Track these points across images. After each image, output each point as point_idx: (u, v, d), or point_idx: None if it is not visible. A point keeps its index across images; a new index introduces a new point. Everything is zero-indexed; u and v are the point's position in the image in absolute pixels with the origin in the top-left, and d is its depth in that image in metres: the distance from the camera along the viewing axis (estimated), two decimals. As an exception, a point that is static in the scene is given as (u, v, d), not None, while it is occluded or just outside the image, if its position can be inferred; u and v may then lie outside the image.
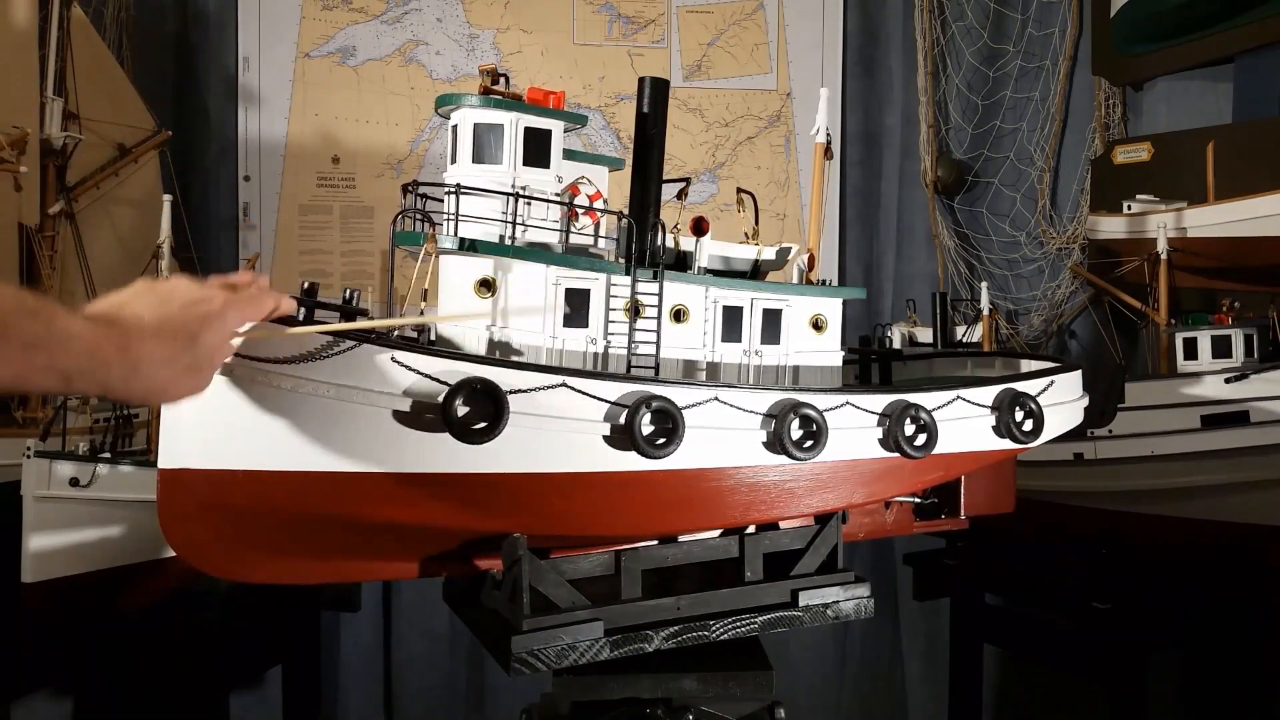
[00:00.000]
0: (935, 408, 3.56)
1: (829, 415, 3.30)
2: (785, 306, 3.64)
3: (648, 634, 3.14)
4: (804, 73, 6.99)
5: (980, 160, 7.03)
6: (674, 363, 3.48)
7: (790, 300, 3.64)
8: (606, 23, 6.95)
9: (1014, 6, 6.95)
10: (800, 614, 3.37)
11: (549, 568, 3.03)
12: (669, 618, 3.20)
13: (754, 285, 3.62)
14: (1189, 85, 6.38)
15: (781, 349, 3.63)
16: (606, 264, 3.35)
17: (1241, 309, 5.30)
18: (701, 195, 6.94)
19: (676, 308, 3.48)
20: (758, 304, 3.59)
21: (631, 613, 3.14)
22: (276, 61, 6.74)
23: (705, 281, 3.54)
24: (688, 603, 3.24)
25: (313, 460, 2.67)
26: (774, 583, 3.37)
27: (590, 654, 3.02)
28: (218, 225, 6.76)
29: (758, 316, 3.59)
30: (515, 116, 3.43)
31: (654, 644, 3.14)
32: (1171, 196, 5.85)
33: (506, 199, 3.30)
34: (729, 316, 3.55)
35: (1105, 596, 5.16)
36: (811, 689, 6.97)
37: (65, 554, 4.50)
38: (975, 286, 6.55)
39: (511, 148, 3.39)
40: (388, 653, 6.82)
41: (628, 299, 3.32)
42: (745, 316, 3.57)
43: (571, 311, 3.28)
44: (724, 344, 3.55)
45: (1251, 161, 5.47)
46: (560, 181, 3.42)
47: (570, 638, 3.00)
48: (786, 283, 3.71)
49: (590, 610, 3.04)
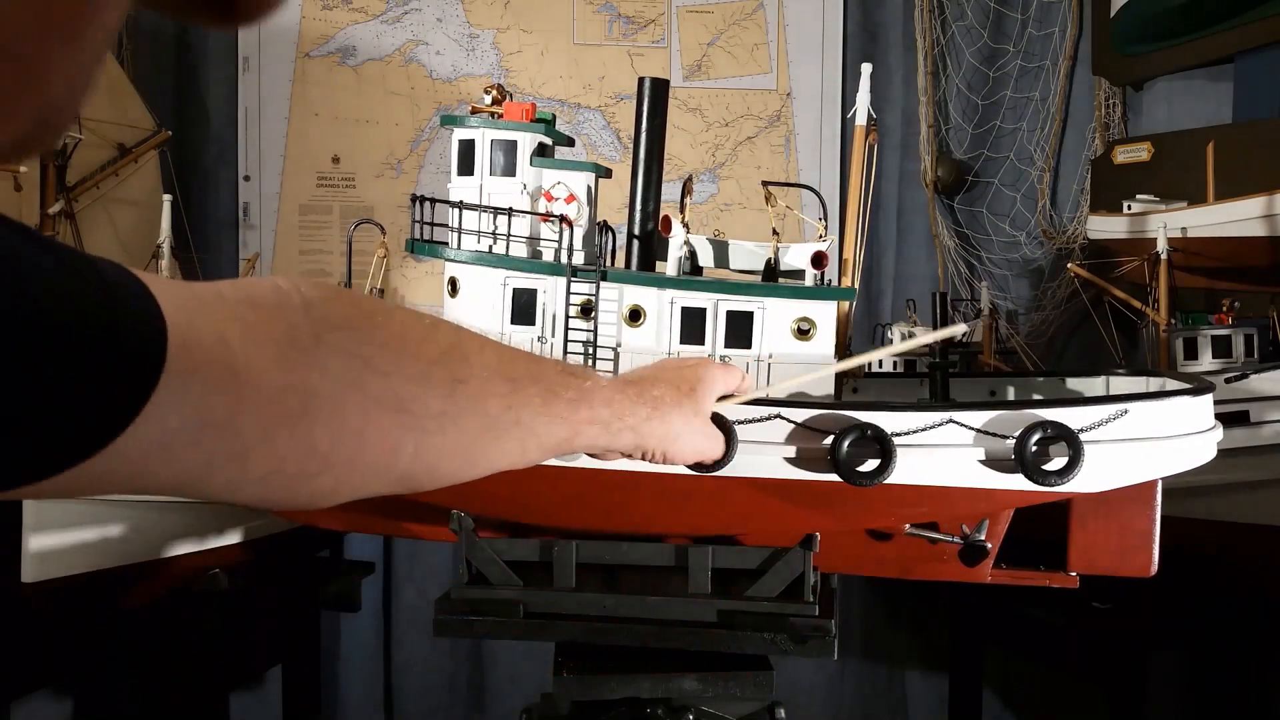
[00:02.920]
0: (906, 430, 3.21)
1: (739, 427, 3.20)
2: (759, 309, 3.54)
3: (562, 625, 3.28)
4: (804, 73, 6.98)
5: (980, 160, 7.03)
6: (633, 365, 3.59)
7: (765, 303, 3.54)
8: (606, 23, 6.95)
9: (1014, 6, 6.95)
10: (727, 636, 3.28)
11: (485, 545, 3.31)
12: (591, 613, 3.28)
13: (717, 286, 3.57)
14: (1189, 85, 6.38)
15: (753, 353, 3.54)
16: (548, 265, 3.62)
17: (1241, 309, 5.30)
18: (702, 195, 6.94)
19: (633, 308, 3.56)
20: (722, 306, 3.53)
21: (552, 600, 3.26)
22: (276, 61, 6.74)
23: (657, 282, 3.57)
24: (613, 602, 3.30)
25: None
26: (713, 599, 3.31)
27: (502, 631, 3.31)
28: (218, 225, 6.76)
29: (722, 319, 3.53)
30: (483, 131, 3.77)
31: (565, 636, 3.32)
32: (1171, 196, 5.85)
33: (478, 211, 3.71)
34: (689, 318, 3.52)
35: (1105, 596, 5.17)
36: (811, 689, 6.97)
37: (65, 554, 4.50)
38: (975, 286, 6.55)
39: (484, 160, 3.77)
40: (388, 653, 6.82)
41: (578, 300, 3.54)
42: (708, 319, 3.52)
43: (515, 309, 3.66)
44: (684, 345, 3.53)
45: (1251, 161, 5.47)
46: (525, 189, 3.70)
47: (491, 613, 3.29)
48: (760, 283, 3.63)
49: (517, 590, 3.29)
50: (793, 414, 3.21)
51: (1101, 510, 3.33)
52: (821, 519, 3.31)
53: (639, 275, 3.62)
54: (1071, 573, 3.43)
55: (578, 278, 3.55)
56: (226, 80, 6.74)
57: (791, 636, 3.23)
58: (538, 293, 3.65)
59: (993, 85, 7.05)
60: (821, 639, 3.23)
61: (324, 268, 6.83)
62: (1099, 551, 3.41)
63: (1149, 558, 3.39)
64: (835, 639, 3.25)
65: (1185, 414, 3.34)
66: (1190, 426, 3.36)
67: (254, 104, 6.74)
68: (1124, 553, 3.42)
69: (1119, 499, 3.30)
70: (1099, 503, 3.31)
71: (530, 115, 3.78)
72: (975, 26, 7.01)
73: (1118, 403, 3.25)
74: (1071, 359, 6.73)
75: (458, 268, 3.73)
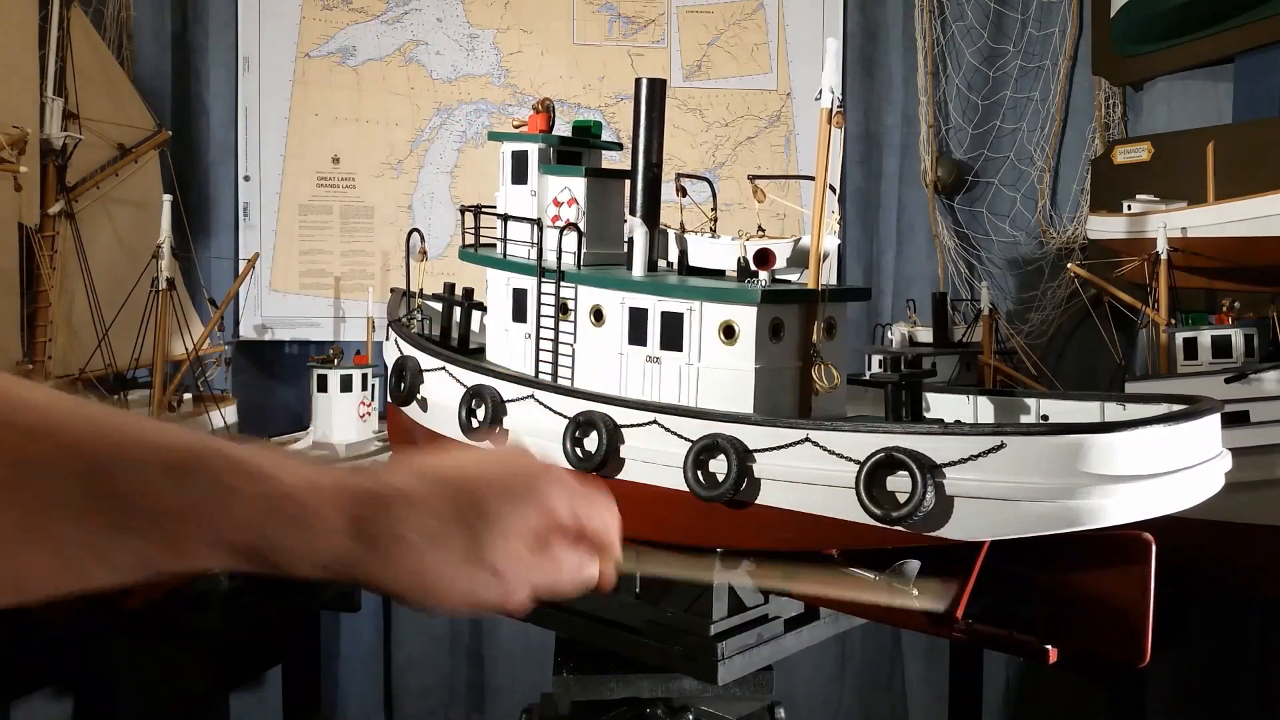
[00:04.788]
0: (763, 447, 2.93)
1: (628, 431, 3.16)
2: (687, 311, 3.34)
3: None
4: (804, 73, 6.98)
5: (980, 160, 7.03)
6: (592, 364, 3.59)
7: (693, 305, 3.34)
8: (606, 23, 6.94)
9: (1014, 6, 6.95)
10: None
11: None
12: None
13: (654, 287, 3.46)
14: (1189, 85, 6.37)
15: (684, 356, 3.35)
16: (523, 265, 3.81)
17: (1241, 309, 5.29)
18: (702, 195, 6.92)
19: (594, 308, 3.57)
20: (659, 307, 3.42)
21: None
22: (276, 61, 6.73)
23: (607, 283, 3.58)
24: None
25: None
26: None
27: None
28: (218, 225, 6.76)
29: (656, 320, 3.42)
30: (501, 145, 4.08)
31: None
32: (1171, 196, 5.84)
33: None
34: (635, 320, 3.48)
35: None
36: (811, 688, 6.97)
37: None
38: (975, 286, 6.54)
39: (505, 170, 4.03)
40: (388, 653, 6.82)
41: (551, 300, 3.65)
42: (649, 320, 3.44)
43: (514, 308, 3.88)
44: (631, 346, 3.50)
45: (1251, 161, 5.46)
46: (534, 196, 3.87)
47: None
48: (690, 284, 3.49)
49: None
50: (667, 421, 3.10)
51: (1095, 591, 2.79)
52: (688, 533, 3.09)
53: (591, 276, 3.63)
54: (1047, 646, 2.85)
55: (546, 278, 3.70)
56: (226, 80, 6.74)
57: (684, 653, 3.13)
58: (527, 293, 3.82)
59: (993, 85, 7.04)
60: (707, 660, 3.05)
61: (324, 267, 6.83)
62: (1085, 628, 2.87)
63: (1142, 647, 2.74)
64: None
65: (1111, 450, 2.59)
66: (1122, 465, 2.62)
67: (254, 104, 6.73)
68: (1114, 634, 2.84)
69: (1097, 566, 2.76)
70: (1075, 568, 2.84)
71: (545, 126, 3.99)
72: (975, 26, 7.01)
73: (995, 434, 2.68)
74: (1071, 359, 6.73)
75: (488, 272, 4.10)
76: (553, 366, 3.64)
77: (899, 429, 2.82)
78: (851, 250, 7.16)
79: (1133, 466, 2.63)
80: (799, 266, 3.51)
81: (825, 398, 3.32)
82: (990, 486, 2.65)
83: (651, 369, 3.40)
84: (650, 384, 3.40)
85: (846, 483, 2.79)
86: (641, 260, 3.55)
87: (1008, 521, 2.68)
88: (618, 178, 3.98)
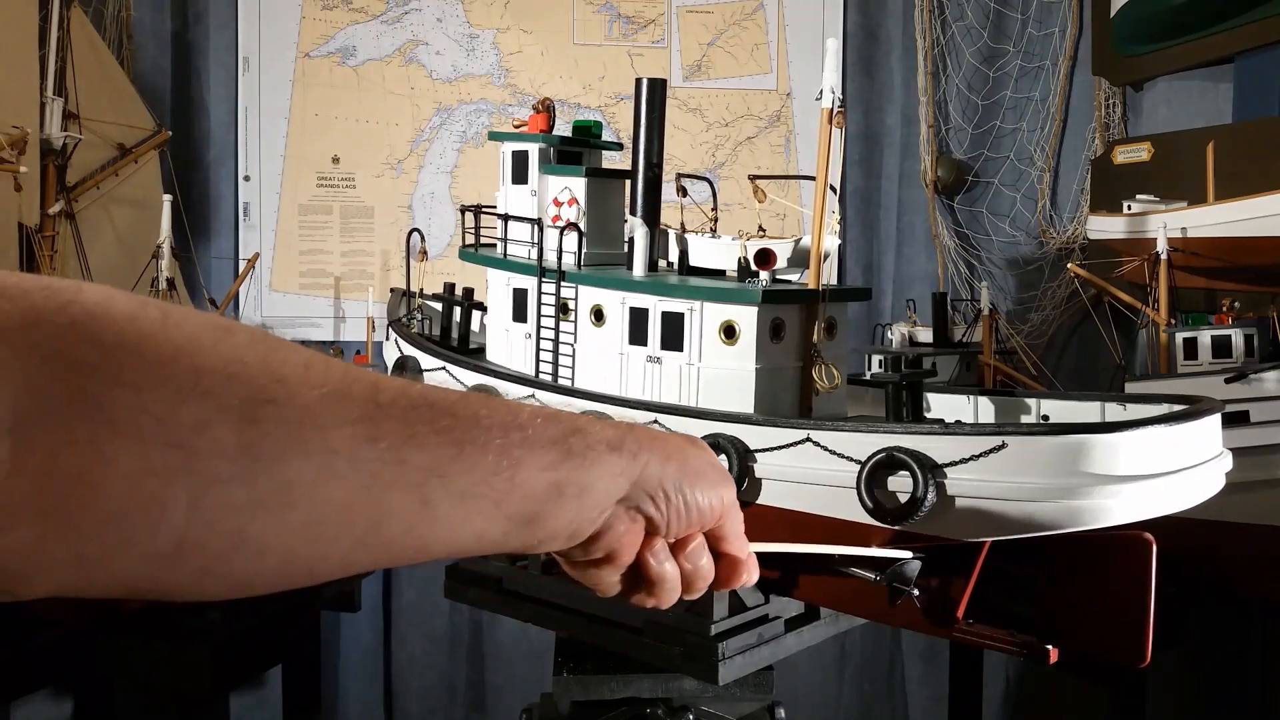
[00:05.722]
0: (764, 447, 2.94)
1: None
2: (688, 311, 3.35)
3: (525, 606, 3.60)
4: (804, 73, 6.98)
5: (980, 160, 7.03)
6: (593, 364, 3.60)
7: (694, 305, 3.34)
8: (606, 23, 6.95)
9: (1014, 6, 6.95)
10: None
11: None
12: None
13: (653, 286, 3.46)
14: (1189, 85, 6.37)
15: (684, 356, 3.35)
16: (524, 265, 3.83)
17: (1241, 309, 5.29)
18: (702, 195, 6.92)
19: (595, 308, 3.56)
20: (659, 307, 3.43)
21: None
22: (276, 61, 6.73)
23: (608, 283, 3.58)
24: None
25: None
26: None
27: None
28: (218, 225, 6.76)
29: (657, 320, 3.42)
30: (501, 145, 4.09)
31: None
32: (1171, 196, 5.84)
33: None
34: (635, 319, 3.49)
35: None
36: (811, 688, 6.97)
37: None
38: (975, 286, 6.55)
39: (505, 170, 4.05)
40: (388, 653, 6.82)
41: (552, 299, 3.67)
42: (649, 320, 3.44)
43: (515, 308, 3.91)
44: (631, 346, 3.50)
45: (1251, 161, 5.46)
46: (534, 196, 3.90)
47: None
48: (691, 284, 3.46)
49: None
50: (668, 421, 3.10)
51: (1097, 590, 2.78)
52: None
53: (591, 276, 3.63)
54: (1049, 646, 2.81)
55: (546, 278, 3.70)
56: (226, 80, 6.74)
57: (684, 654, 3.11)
58: (528, 292, 3.84)
59: (993, 85, 7.04)
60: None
61: (324, 267, 6.83)
62: (1085, 628, 2.86)
63: (1143, 646, 2.72)
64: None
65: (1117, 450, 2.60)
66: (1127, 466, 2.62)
67: (254, 104, 6.73)
68: (1115, 634, 2.82)
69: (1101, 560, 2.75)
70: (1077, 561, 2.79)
71: (537, 126, 4.00)
72: (975, 26, 7.01)
73: (996, 434, 2.67)
74: (1071, 359, 6.73)
75: (489, 272, 4.12)
76: (553, 366, 3.65)
77: (900, 429, 2.82)
78: (851, 250, 7.17)
79: (1134, 466, 2.62)
80: (799, 266, 3.52)
81: (826, 398, 3.32)
82: (991, 486, 2.66)
83: (652, 369, 3.42)
84: (651, 384, 3.41)
85: (848, 483, 2.79)
86: (642, 260, 3.56)
87: (1009, 521, 2.68)
88: (618, 178, 3.99)
